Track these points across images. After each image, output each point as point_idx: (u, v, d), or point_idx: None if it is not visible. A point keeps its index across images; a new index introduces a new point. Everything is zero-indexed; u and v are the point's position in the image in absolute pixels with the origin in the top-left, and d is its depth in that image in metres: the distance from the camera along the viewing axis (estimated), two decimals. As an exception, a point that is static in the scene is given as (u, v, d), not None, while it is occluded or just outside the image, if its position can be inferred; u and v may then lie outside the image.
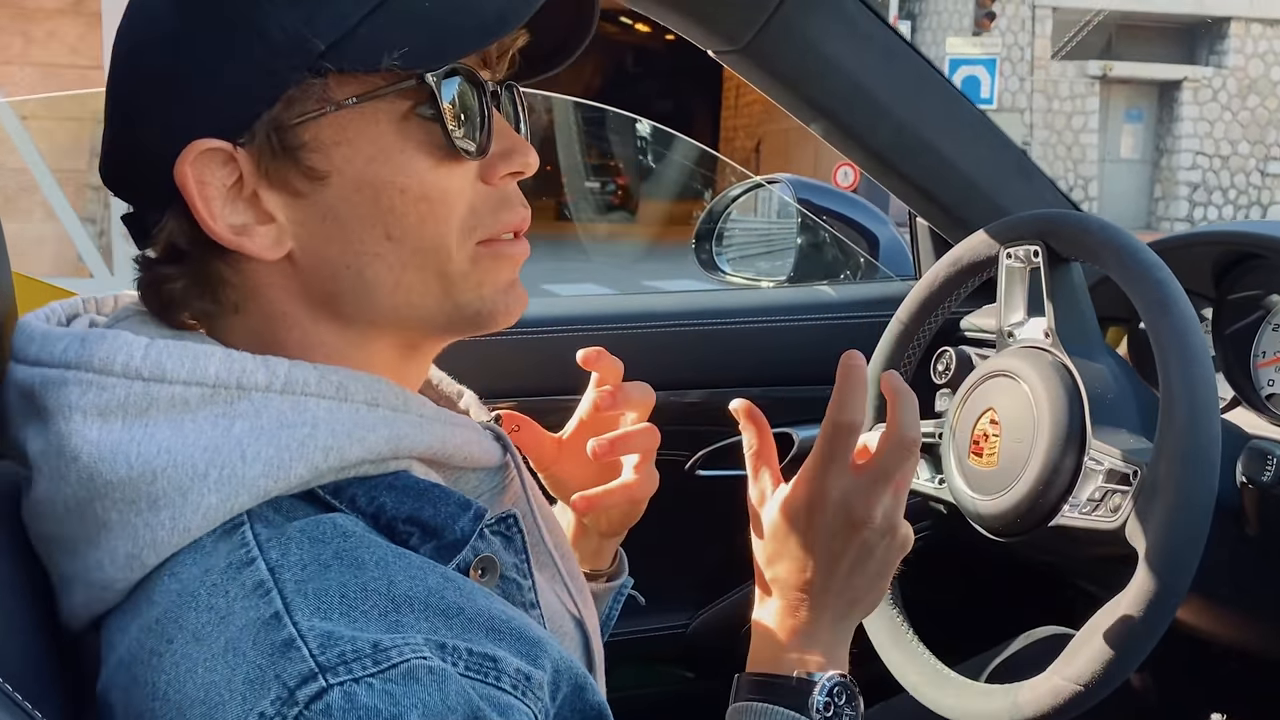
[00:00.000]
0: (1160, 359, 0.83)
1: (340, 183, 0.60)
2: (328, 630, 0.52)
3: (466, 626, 0.56)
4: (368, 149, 0.60)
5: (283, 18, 0.58)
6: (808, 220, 1.56)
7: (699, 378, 1.38)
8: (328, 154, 0.60)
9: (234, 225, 0.60)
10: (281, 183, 0.60)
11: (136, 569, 0.56)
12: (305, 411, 0.59)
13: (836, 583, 0.74)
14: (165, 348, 0.58)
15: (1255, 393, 1.06)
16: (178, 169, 0.58)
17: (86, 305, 0.68)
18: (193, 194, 0.59)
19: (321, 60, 0.58)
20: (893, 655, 1.02)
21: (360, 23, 0.58)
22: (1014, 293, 1.01)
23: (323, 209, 0.61)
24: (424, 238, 0.62)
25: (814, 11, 1.05)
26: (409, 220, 0.62)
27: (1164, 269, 0.87)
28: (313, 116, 0.59)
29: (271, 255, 0.61)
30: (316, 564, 0.55)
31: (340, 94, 0.59)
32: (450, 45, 0.60)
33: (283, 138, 0.59)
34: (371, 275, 0.62)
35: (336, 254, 0.62)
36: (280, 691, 0.50)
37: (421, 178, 0.61)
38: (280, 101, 0.59)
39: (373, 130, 0.60)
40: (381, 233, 0.62)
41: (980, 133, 1.20)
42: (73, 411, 0.56)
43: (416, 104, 0.61)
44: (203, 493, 0.55)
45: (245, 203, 0.60)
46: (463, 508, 0.62)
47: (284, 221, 0.61)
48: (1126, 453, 0.85)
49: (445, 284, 0.64)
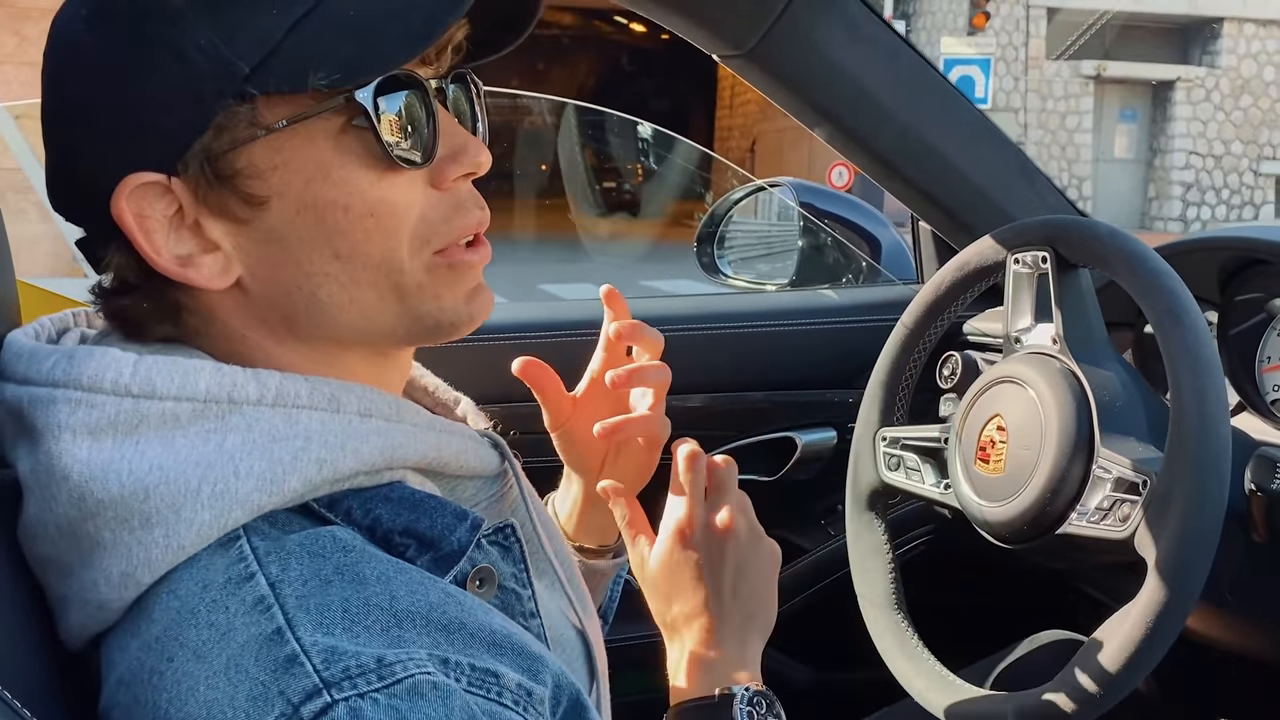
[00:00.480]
0: (1171, 369, 0.83)
1: (281, 206, 0.58)
2: (331, 645, 0.51)
3: (468, 641, 0.56)
4: (305, 170, 0.58)
5: (200, 38, 0.55)
6: (809, 223, 1.56)
7: (701, 382, 1.38)
8: (264, 179, 0.58)
9: (179, 256, 0.59)
10: (221, 210, 0.58)
11: (131, 588, 0.55)
12: (297, 424, 0.58)
13: (726, 602, 0.80)
14: (154, 363, 0.57)
15: (1260, 398, 1.06)
16: (114, 205, 0.57)
17: (77, 319, 0.67)
18: (132, 229, 0.57)
19: (246, 84, 0.56)
20: (899, 663, 1.01)
21: (284, 38, 0.56)
22: (1021, 298, 1.01)
23: (265, 233, 0.59)
24: (373, 254, 0.60)
25: (819, 16, 1.05)
26: (356, 237, 0.60)
27: (1174, 277, 0.86)
28: (244, 143, 0.57)
29: (219, 284, 0.59)
30: (317, 579, 0.54)
31: (270, 117, 0.57)
32: (376, 59, 0.57)
33: (216, 166, 0.57)
34: (325, 295, 0.61)
35: (286, 277, 0.60)
36: (284, 708, 0.50)
37: (364, 193, 0.59)
38: (210, 129, 0.56)
39: (308, 150, 0.58)
40: (329, 252, 0.60)
41: (983, 136, 1.20)
42: (62, 430, 0.55)
43: (351, 117, 0.58)
44: (196, 509, 0.55)
45: (189, 231, 0.59)
46: (459, 518, 0.62)
47: (229, 249, 0.59)
48: (1136, 462, 0.85)
49: (401, 297, 0.62)
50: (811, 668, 1.42)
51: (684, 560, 0.80)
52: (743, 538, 0.81)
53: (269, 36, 0.56)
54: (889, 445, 1.08)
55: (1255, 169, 16.31)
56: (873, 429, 1.10)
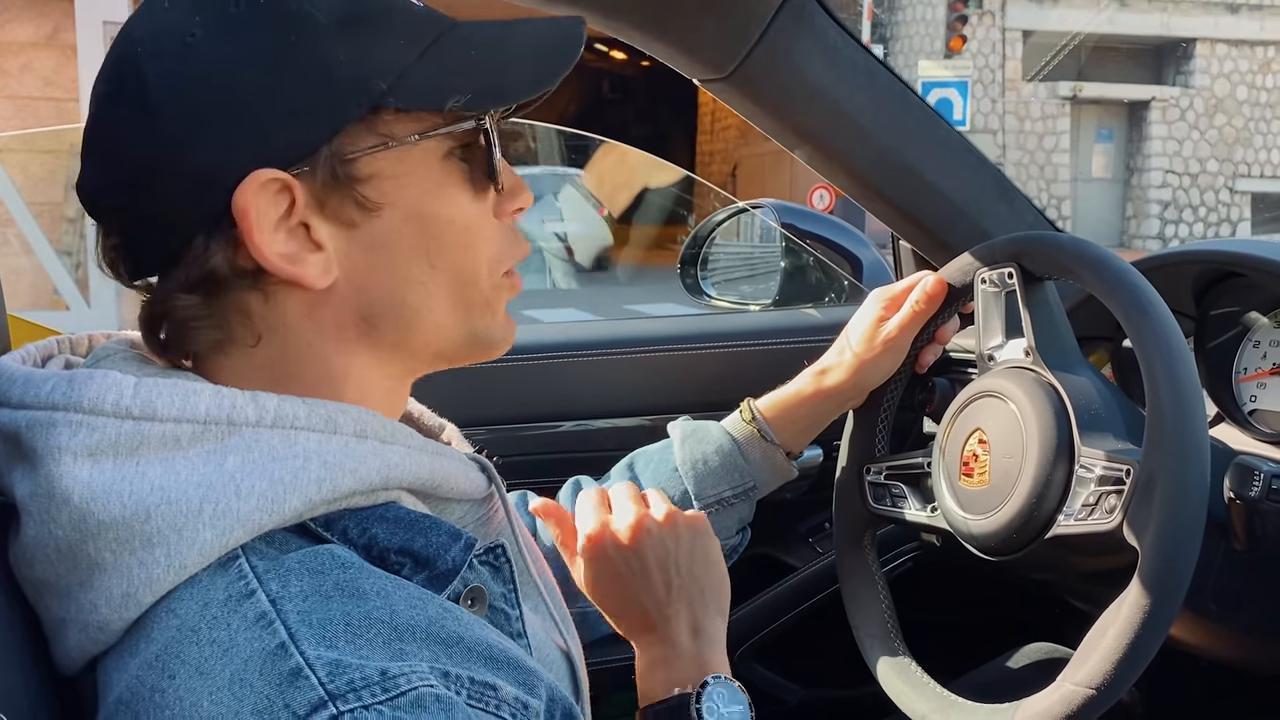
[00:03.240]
0: (1143, 358, 0.84)
1: (392, 214, 0.63)
2: (335, 659, 0.52)
3: (466, 655, 0.57)
4: (421, 183, 0.64)
5: (340, 54, 0.60)
6: (791, 244, 1.58)
7: (685, 402, 1.39)
8: (383, 187, 0.62)
9: (284, 254, 0.61)
10: (334, 213, 0.62)
11: (132, 608, 0.56)
12: (296, 445, 0.59)
13: (661, 598, 0.82)
14: (154, 386, 0.58)
15: (1238, 408, 1.08)
16: (238, 198, 0.59)
17: (60, 346, 0.68)
18: (251, 224, 0.59)
19: (385, 97, 0.61)
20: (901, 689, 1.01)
21: (413, 65, 0.62)
22: (991, 317, 1.03)
23: (372, 239, 0.63)
24: (463, 267, 0.66)
25: (798, 39, 1.06)
26: (454, 250, 0.65)
27: (1137, 275, 0.89)
28: (373, 150, 0.61)
29: (321, 283, 0.62)
30: (318, 594, 0.55)
31: (400, 130, 0.62)
32: (507, 91, 0.65)
33: (345, 169, 0.61)
34: (413, 300, 0.65)
35: (380, 281, 0.64)
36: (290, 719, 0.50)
37: (465, 210, 0.66)
38: (341, 135, 0.60)
39: (425, 166, 0.64)
40: (425, 261, 0.65)
41: (961, 155, 1.22)
42: (63, 453, 0.56)
43: (460, 143, 0.65)
44: (197, 529, 0.55)
45: (289, 232, 0.61)
46: (453, 538, 0.63)
47: (332, 251, 0.62)
48: (1117, 453, 0.86)
49: (468, 310, 0.67)
50: (800, 685, 1.42)
51: (603, 573, 0.84)
52: (654, 531, 0.83)
53: (399, 61, 0.61)
54: (873, 476, 1.10)
55: (1231, 186, 16.49)
56: (857, 464, 1.12)
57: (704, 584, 0.83)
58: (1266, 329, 1.08)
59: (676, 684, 0.79)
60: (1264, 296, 1.08)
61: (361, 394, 0.65)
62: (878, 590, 1.07)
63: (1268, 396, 1.07)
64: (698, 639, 0.81)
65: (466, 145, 0.65)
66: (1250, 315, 1.09)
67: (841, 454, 1.14)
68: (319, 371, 0.64)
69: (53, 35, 6.62)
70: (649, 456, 1.09)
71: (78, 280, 5.39)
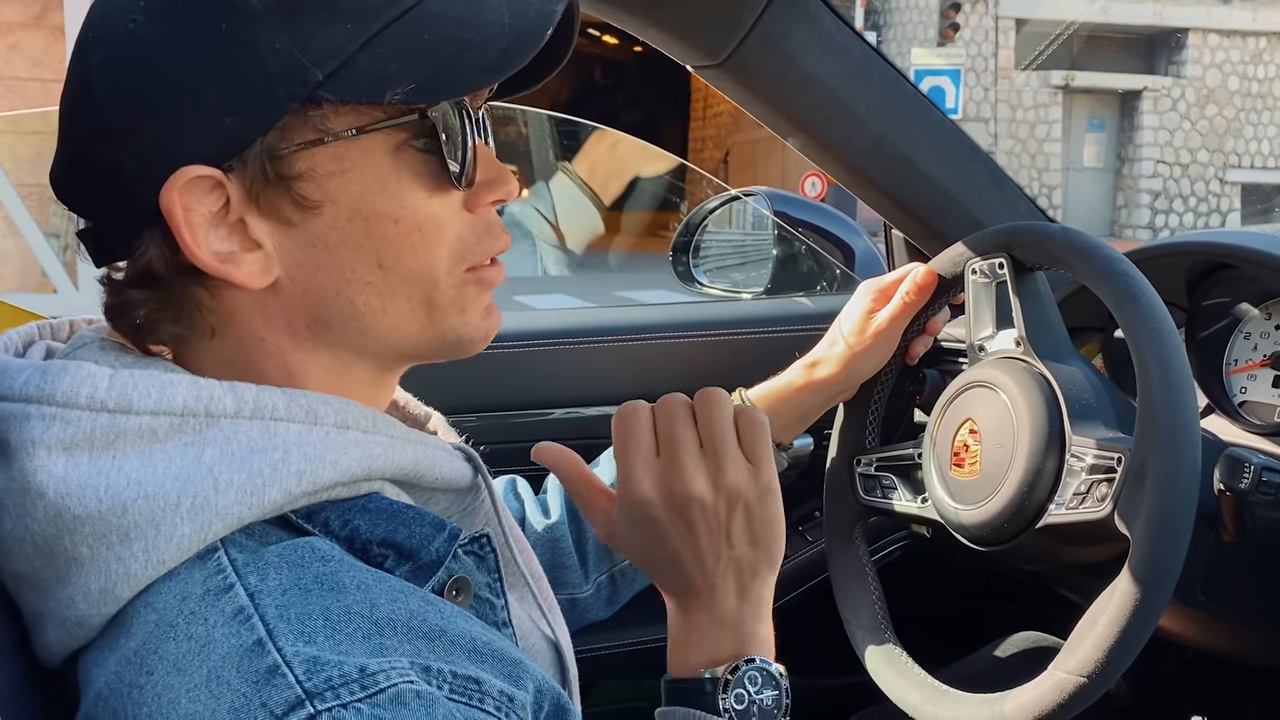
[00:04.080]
0: (1134, 346, 0.85)
1: (333, 212, 0.60)
2: (313, 655, 0.51)
3: (449, 649, 0.56)
4: (363, 180, 0.60)
5: (275, 42, 0.56)
6: (783, 232, 1.57)
7: (678, 389, 1.38)
8: (322, 184, 0.59)
9: (219, 253, 0.59)
10: (271, 211, 0.59)
11: (110, 603, 0.55)
12: (275, 436, 0.58)
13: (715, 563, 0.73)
14: (130, 378, 0.57)
15: (1228, 400, 1.08)
16: (164, 195, 0.57)
17: (42, 331, 0.67)
18: (179, 221, 0.57)
19: (320, 89, 0.57)
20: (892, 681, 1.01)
21: (357, 53, 0.57)
22: (981, 308, 1.03)
23: (312, 237, 0.60)
24: (414, 266, 0.62)
25: (792, 26, 1.06)
26: (401, 249, 0.61)
27: (1128, 263, 0.89)
28: (309, 146, 0.58)
29: (258, 284, 0.60)
30: (297, 588, 0.54)
31: (338, 124, 0.58)
32: (455, 82, 0.59)
33: (276, 166, 0.58)
34: (361, 303, 0.62)
35: (325, 282, 0.61)
36: (267, 719, 0.50)
37: (416, 208, 0.61)
38: (275, 129, 0.57)
39: (368, 161, 0.60)
40: (373, 262, 0.61)
41: (954, 144, 1.21)
42: (36, 447, 0.55)
43: (412, 136, 0.60)
44: (175, 523, 0.54)
45: (229, 229, 0.59)
46: (437, 528, 0.62)
47: (271, 249, 0.60)
48: (1109, 441, 0.87)
49: (430, 311, 0.64)
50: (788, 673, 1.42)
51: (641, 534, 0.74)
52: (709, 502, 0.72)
53: (342, 49, 0.57)
54: (864, 468, 1.10)
55: (1221, 177, 16.53)
56: (848, 456, 1.12)
57: (762, 554, 0.74)
58: (1258, 321, 1.08)
59: (709, 662, 0.73)
60: (1256, 288, 1.08)
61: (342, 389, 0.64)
62: (868, 583, 1.07)
63: (1258, 388, 1.07)
64: (743, 603, 0.74)
65: (426, 137, 0.61)
66: (1241, 307, 1.10)
67: (832, 446, 1.14)
68: (278, 368, 0.63)
69: (41, 15, 6.56)
70: None
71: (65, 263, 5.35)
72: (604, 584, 1.03)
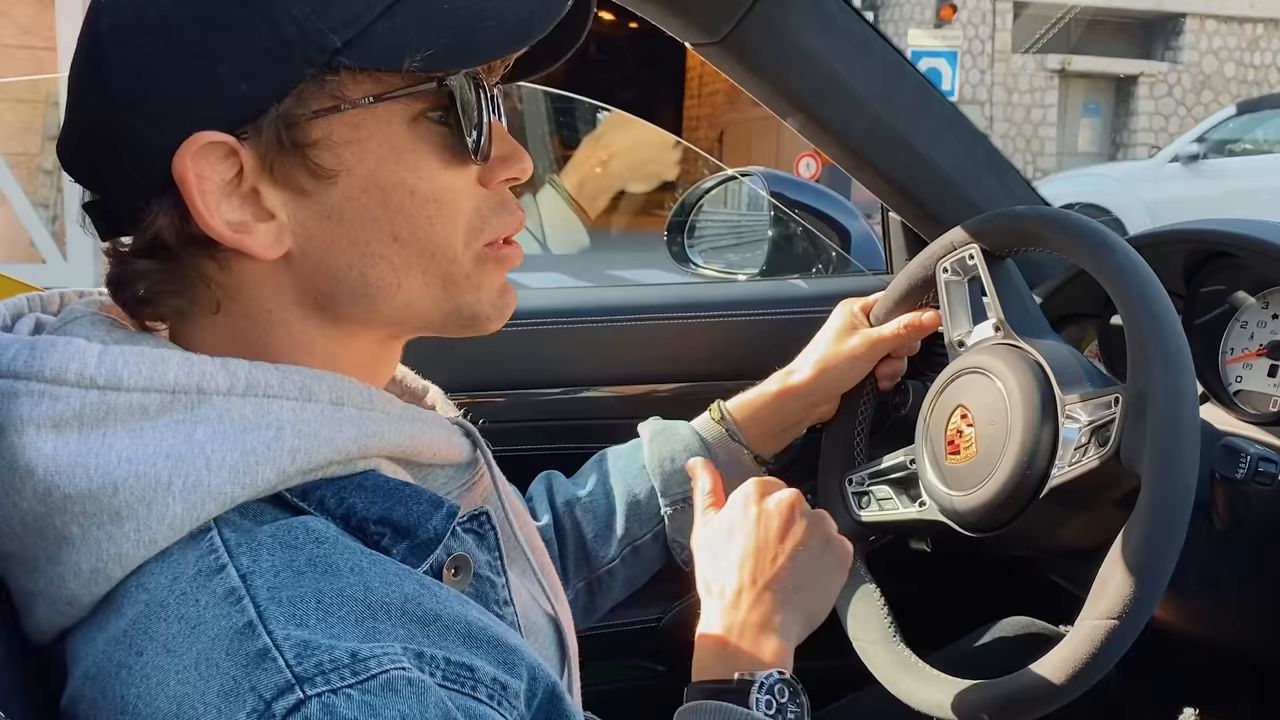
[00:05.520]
0: (1112, 287, 0.86)
1: (348, 182, 0.59)
2: (304, 639, 0.51)
3: (443, 634, 0.55)
4: (379, 149, 0.59)
5: (292, 8, 0.56)
6: (780, 213, 1.56)
7: (671, 371, 1.38)
8: (337, 152, 0.58)
9: (231, 222, 0.58)
10: (285, 180, 0.58)
11: (101, 583, 0.54)
12: (269, 414, 0.57)
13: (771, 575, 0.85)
14: (120, 354, 0.56)
15: (1224, 389, 1.08)
16: (177, 162, 0.56)
17: (31, 304, 0.66)
18: (191, 189, 0.56)
19: (338, 56, 0.56)
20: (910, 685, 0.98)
21: (376, 20, 0.57)
22: (955, 306, 1.05)
23: (327, 208, 0.59)
24: (432, 239, 0.62)
25: (792, 5, 1.04)
26: (418, 221, 0.61)
27: (1096, 223, 0.91)
28: (325, 113, 0.57)
29: (271, 254, 0.59)
30: (290, 570, 0.53)
31: (355, 92, 0.58)
32: (474, 50, 0.59)
33: (292, 134, 0.57)
34: (375, 277, 0.61)
35: (339, 254, 0.60)
36: (256, 704, 0.49)
37: (432, 179, 0.61)
38: (291, 96, 0.56)
39: (385, 130, 0.59)
40: (388, 234, 0.60)
41: (953, 127, 1.20)
42: (25, 424, 0.54)
43: (429, 106, 0.60)
44: (167, 502, 0.54)
45: (242, 199, 0.58)
46: (434, 506, 0.61)
47: (284, 220, 0.59)
48: (1102, 389, 0.87)
49: (447, 286, 0.63)
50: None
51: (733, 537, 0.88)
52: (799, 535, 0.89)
53: (360, 17, 0.56)
54: (856, 486, 1.09)
55: (1216, 164, 16.53)
56: (838, 475, 1.11)
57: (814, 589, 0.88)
58: (1254, 310, 1.08)
59: (740, 668, 0.79)
60: (1253, 277, 1.07)
61: (332, 364, 0.63)
62: (874, 600, 1.06)
63: (1254, 377, 1.06)
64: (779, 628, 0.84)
65: (443, 108, 0.60)
66: (1238, 295, 1.09)
67: (821, 466, 1.14)
68: (283, 341, 0.62)
69: (30, -18, 6.49)
70: (618, 454, 1.10)
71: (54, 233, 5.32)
72: (582, 591, 1.04)
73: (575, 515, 1.04)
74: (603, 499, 1.05)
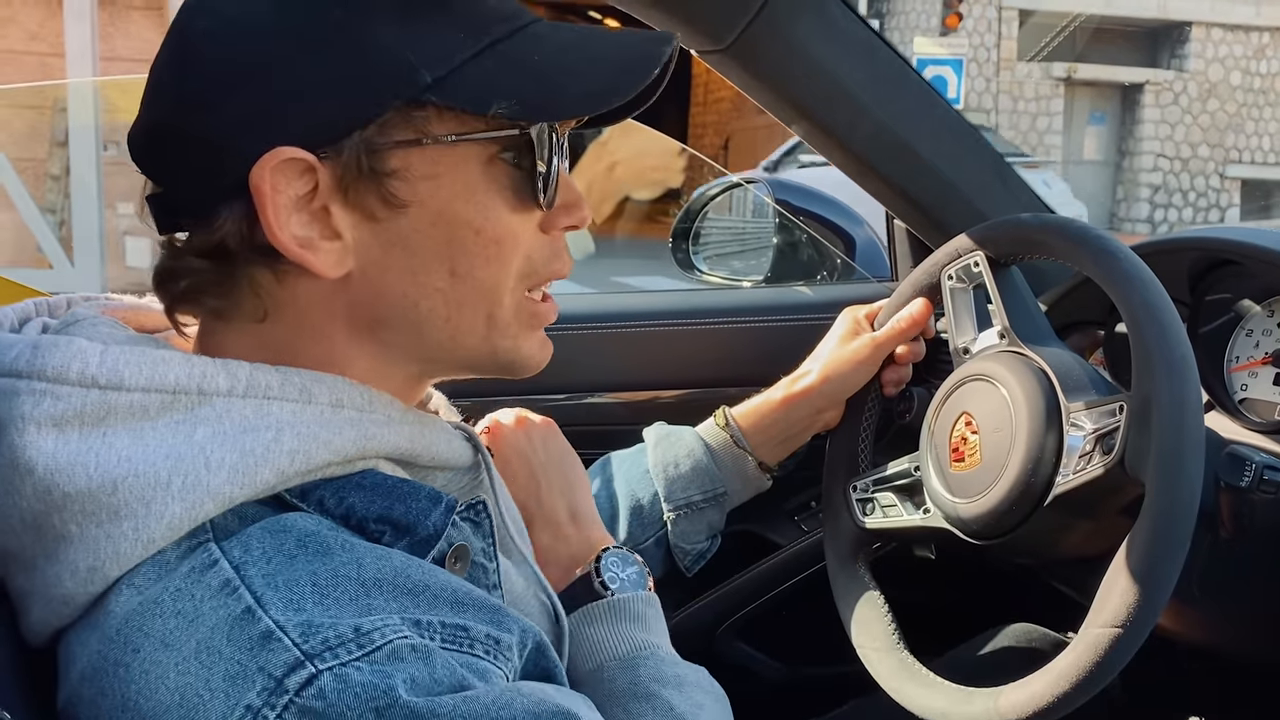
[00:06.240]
0: (1117, 295, 0.86)
1: (418, 214, 0.60)
2: (305, 620, 0.51)
3: (434, 602, 0.56)
4: (453, 186, 0.60)
5: (385, 37, 0.57)
6: (784, 220, 1.56)
7: (676, 377, 1.38)
8: (413, 184, 0.59)
9: (299, 237, 0.59)
10: (357, 203, 0.59)
11: (98, 582, 0.54)
12: (269, 415, 0.58)
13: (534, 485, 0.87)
14: (122, 354, 0.56)
15: (1229, 397, 1.07)
16: (255, 172, 0.57)
17: (39, 309, 0.66)
18: (265, 200, 0.57)
19: (428, 92, 0.57)
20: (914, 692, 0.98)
21: (467, 61, 0.58)
22: (960, 313, 1.05)
23: (393, 236, 0.60)
24: (486, 279, 0.63)
25: (798, 12, 1.05)
26: (476, 260, 0.62)
27: (1101, 230, 0.91)
28: (406, 145, 0.58)
29: (332, 273, 0.60)
30: (281, 554, 0.54)
31: (439, 128, 0.59)
32: (560, 105, 0.60)
33: (371, 161, 0.58)
34: (427, 308, 0.62)
35: (395, 282, 0.61)
36: (266, 682, 0.50)
37: (498, 220, 0.62)
38: (375, 124, 0.57)
39: (461, 168, 0.60)
40: (448, 268, 0.62)
41: (958, 135, 1.21)
42: (26, 423, 0.55)
43: (504, 149, 0.61)
44: (166, 502, 0.54)
45: (311, 215, 0.59)
46: (433, 501, 0.62)
47: (350, 242, 0.60)
48: (1106, 396, 0.87)
49: (490, 327, 0.65)
50: (783, 663, 1.42)
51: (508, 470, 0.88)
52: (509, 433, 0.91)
53: (453, 56, 0.58)
54: (860, 493, 1.09)
55: (1221, 172, 16.51)
56: (842, 482, 1.11)
57: (567, 474, 0.89)
58: (1260, 318, 1.08)
59: (575, 564, 0.82)
60: (1258, 285, 1.07)
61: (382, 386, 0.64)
62: (878, 606, 1.06)
63: (1259, 385, 1.06)
64: (577, 522, 0.85)
65: (516, 150, 0.62)
66: (1244, 303, 1.09)
67: (826, 473, 1.14)
68: (324, 355, 0.63)
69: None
70: (622, 458, 1.11)
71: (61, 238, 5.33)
72: None
73: None
74: (606, 502, 1.05)
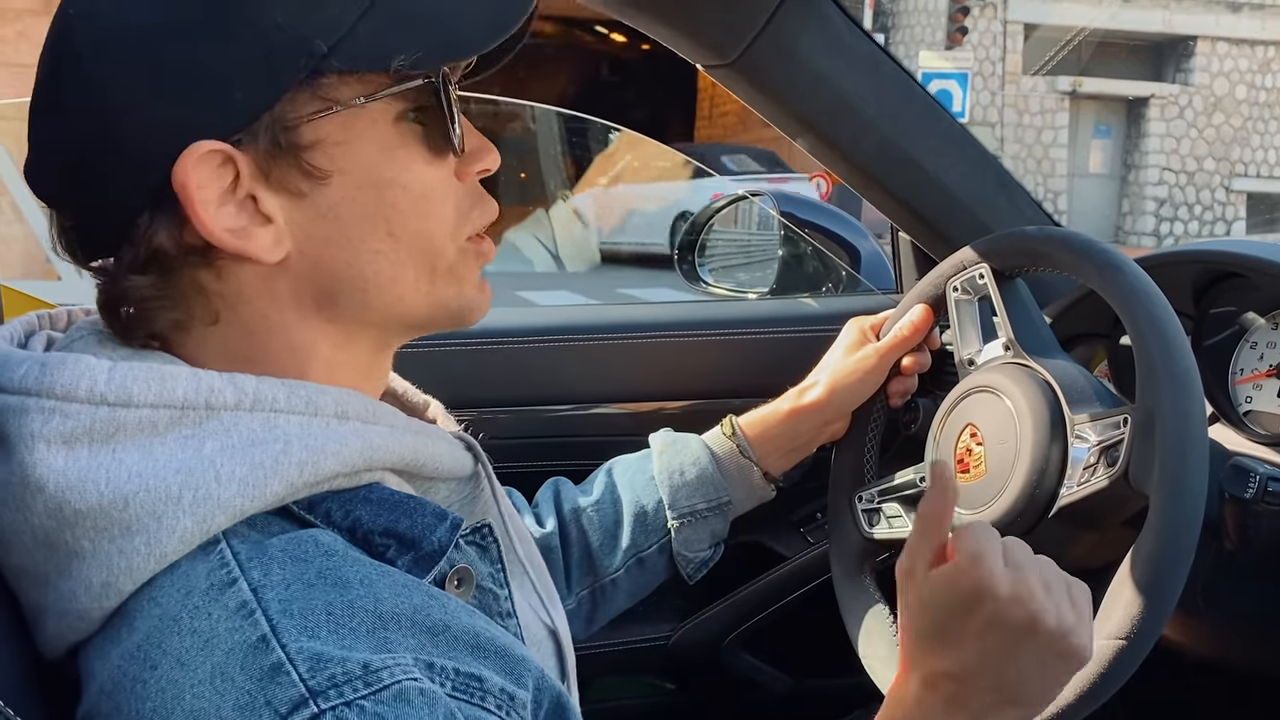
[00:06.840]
0: (1121, 308, 0.87)
1: (342, 182, 0.60)
2: (316, 651, 0.51)
3: (452, 645, 0.56)
4: (370, 148, 0.61)
5: (277, 15, 0.57)
6: (790, 233, 1.57)
7: (680, 389, 1.38)
8: (331, 153, 0.60)
9: (231, 229, 0.59)
10: (281, 183, 0.59)
11: (112, 597, 0.55)
12: (276, 428, 0.58)
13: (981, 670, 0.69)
14: (130, 370, 0.56)
15: (1234, 409, 1.08)
16: (177, 172, 0.57)
17: (42, 321, 0.67)
18: (192, 198, 0.57)
19: (326, 60, 0.57)
20: None
21: (356, 23, 0.58)
22: (965, 325, 1.05)
23: (323, 208, 0.60)
24: (423, 234, 0.63)
25: (803, 26, 1.06)
26: (410, 216, 0.62)
27: (1106, 243, 0.91)
28: (317, 116, 0.58)
29: (271, 257, 0.60)
30: (300, 583, 0.54)
31: (345, 94, 0.59)
32: (459, 44, 0.61)
33: (286, 138, 0.58)
34: (372, 272, 0.63)
35: (336, 253, 0.62)
36: (272, 718, 0.50)
37: (419, 175, 0.62)
38: (282, 102, 0.57)
39: (374, 129, 0.61)
40: (383, 230, 0.62)
41: (962, 148, 1.21)
42: (35, 440, 0.55)
43: (410, 105, 0.61)
44: (177, 516, 0.54)
45: (238, 205, 0.59)
46: (439, 518, 0.62)
47: (282, 223, 0.60)
48: (1110, 409, 0.87)
49: (433, 279, 0.65)
50: (788, 674, 1.42)
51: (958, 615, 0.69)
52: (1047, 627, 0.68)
53: (341, 21, 0.58)
54: (865, 504, 1.09)
55: (1227, 185, 16.50)
56: (847, 492, 1.11)
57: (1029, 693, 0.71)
58: (1264, 330, 1.08)
59: None
60: (1263, 298, 1.08)
61: (331, 370, 0.64)
62: (884, 618, 1.06)
63: (1263, 398, 1.06)
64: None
65: (421, 107, 0.62)
66: (1248, 316, 1.09)
67: (831, 483, 1.14)
68: (282, 347, 0.63)
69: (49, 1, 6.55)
70: (627, 464, 1.10)
71: (70, 251, 5.34)
72: (585, 599, 1.04)
73: (581, 523, 1.04)
74: (610, 508, 1.05)
